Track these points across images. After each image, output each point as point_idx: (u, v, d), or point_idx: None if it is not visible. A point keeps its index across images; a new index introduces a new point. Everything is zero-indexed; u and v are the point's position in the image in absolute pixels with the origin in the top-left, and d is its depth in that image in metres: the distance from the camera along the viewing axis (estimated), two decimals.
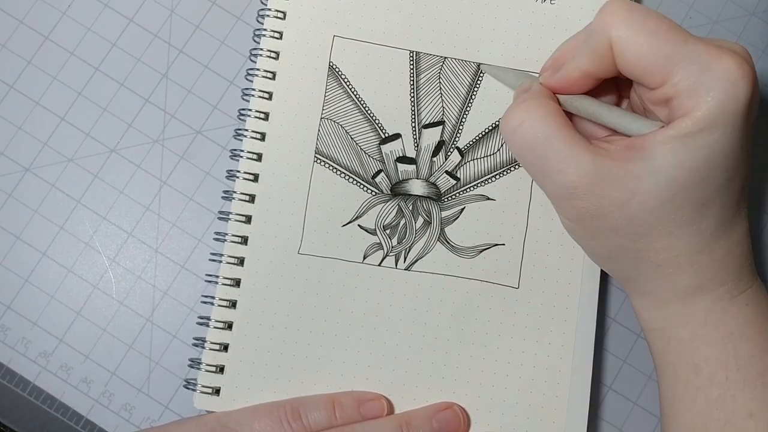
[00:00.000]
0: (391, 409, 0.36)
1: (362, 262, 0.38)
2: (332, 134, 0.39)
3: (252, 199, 0.38)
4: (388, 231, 0.38)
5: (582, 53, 0.30)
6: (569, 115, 0.33)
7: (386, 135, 0.39)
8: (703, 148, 0.28)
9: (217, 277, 0.37)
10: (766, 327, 0.31)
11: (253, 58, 0.39)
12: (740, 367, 0.30)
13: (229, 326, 0.37)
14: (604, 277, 0.39)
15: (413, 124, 0.39)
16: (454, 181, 0.39)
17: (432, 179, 0.39)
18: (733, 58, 0.27)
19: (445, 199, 0.38)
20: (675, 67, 0.28)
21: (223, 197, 0.39)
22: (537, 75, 0.33)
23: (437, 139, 0.39)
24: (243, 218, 0.38)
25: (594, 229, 0.31)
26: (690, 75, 0.28)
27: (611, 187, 0.29)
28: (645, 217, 0.29)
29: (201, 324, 0.37)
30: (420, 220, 0.38)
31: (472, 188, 0.38)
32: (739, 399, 0.30)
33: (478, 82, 0.39)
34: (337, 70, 0.39)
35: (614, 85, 0.34)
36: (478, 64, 0.39)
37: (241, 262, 0.37)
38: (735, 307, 0.31)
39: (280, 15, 0.39)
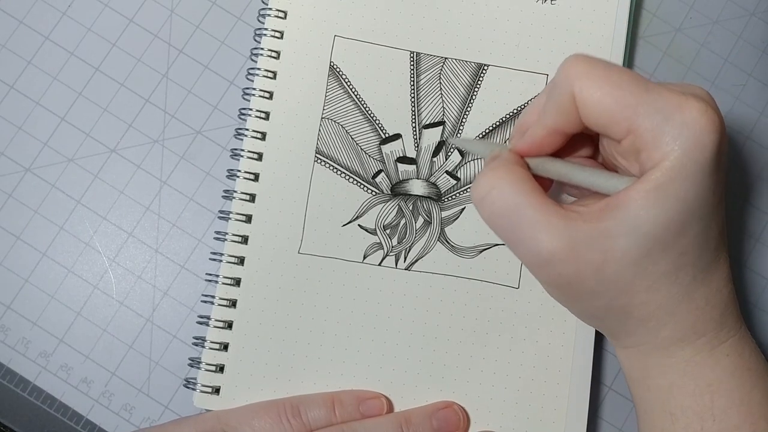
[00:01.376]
0: (390, 408, 0.36)
1: (362, 262, 0.38)
2: (333, 134, 0.39)
3: (252, 198, 0.38)
4: (388, 231, 0.38)
5: (546, 110, 0.30)
6: (545, 183, 0.32)
7: (386, 135, 0.39)
8: (676, 199, 0.27)
9: (217, 276, 0.37)
10: (745, 379, 0.31)
11: (253, 57, 0.39)
12: (716, 418, 0.30)
13: (229, 325, 0.37)
14: None
15: (413, 125, 0.39)
16: (455, 181, 0.39)
17: (432, 179, 0.39)
18: (697, 105, 0.27)
19: (446, 199, 0.38)
20: (638, 117, 0.27)
21: (223, 197, 0.39)
22: (506, 144, 0.33)
23: (437, 139, 0.39)
24: (243, 218, 0.38)
25: (572, 294, 0.30)
26: (654, 125, 0.27)
27: (585, 251, 0.28)
28: (622, 275, 0.29)
29: (201, 323, 0.37)
30: (420, 220, 0.38)
31: None
32: None
33: (479, 82, 0.39)
34: (337, 69, 0.39)
35: (590, 143, 0.33)
36: (479, 64, 0.39)
37: (241, 261, 0.37)
38: (714, 358, 0.31)
39: (281, 14, 0.39)
